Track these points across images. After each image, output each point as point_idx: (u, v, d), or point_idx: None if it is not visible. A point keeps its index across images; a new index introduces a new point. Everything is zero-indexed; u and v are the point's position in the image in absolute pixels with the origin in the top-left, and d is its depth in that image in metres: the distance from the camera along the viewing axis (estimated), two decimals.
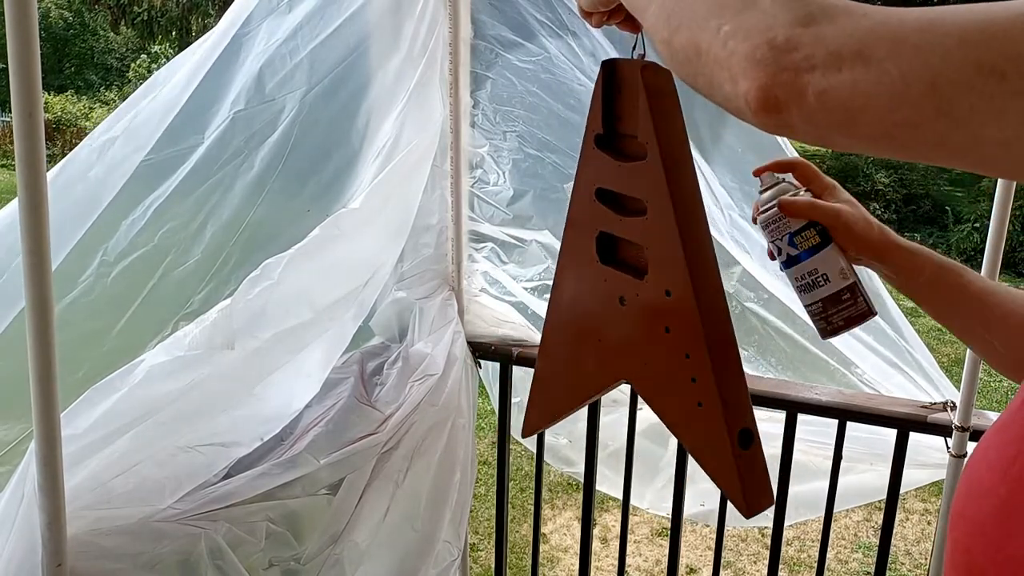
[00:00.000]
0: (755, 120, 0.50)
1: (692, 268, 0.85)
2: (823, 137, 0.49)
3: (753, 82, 0.48)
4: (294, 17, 1.43)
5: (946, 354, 6.58)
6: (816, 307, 0.98)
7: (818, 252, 0.96)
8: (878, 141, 0.48)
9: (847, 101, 0.46)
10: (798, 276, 0.98)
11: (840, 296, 0.96)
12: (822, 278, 0.96)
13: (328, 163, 1.59)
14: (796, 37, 0.47)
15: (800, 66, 0.47)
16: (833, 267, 0.95)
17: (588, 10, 0.83)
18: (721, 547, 1.94)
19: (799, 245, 0.96)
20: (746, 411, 0.87)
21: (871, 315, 0.97)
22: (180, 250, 1.31)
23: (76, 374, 1.16)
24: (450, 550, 1.86)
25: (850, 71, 0.45)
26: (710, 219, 1.86)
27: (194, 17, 16.39)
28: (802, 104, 0.47)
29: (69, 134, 15.15)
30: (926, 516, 4.05)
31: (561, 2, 1.81)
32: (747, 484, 0.86)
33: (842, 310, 0.96)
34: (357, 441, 1.53)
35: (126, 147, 1.18)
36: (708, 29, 0.52)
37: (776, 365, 1.91)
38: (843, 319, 0.97)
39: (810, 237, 0.96)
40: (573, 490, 4.11)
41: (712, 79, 0.52)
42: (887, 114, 0.45)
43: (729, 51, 0.50)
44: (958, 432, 1.63)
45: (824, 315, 0.98)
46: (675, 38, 0.56)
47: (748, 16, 0.50)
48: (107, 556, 1.13)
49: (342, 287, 1.51)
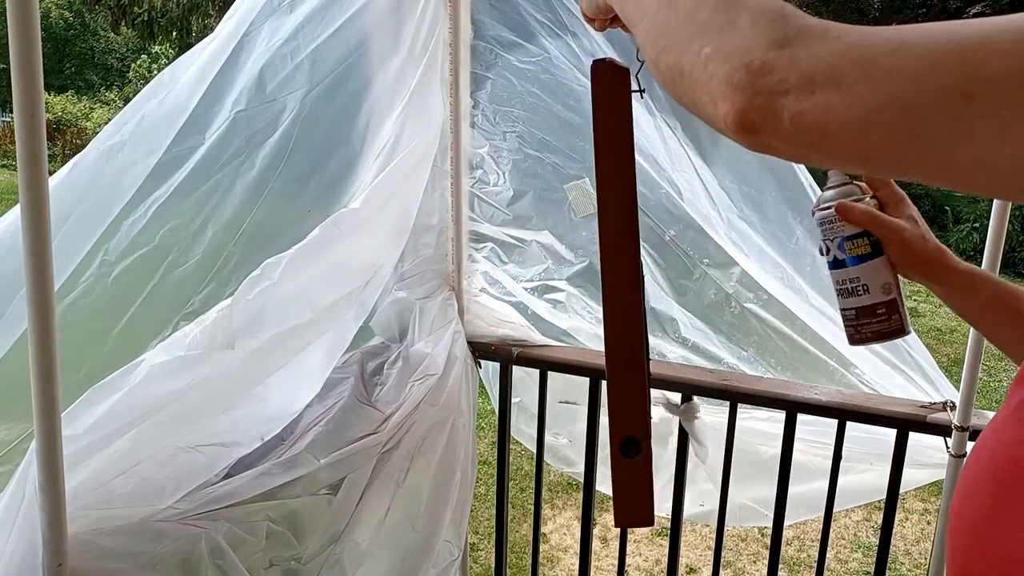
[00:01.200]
0: (736, 140, 0.50)
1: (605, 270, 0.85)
2: (802, 156, 0.50)
3: (731, 106, 0.49)
4: (295, 17, 1.43)
5: (946, 354, 6.59)
6: (850, 313, 0.98)
7: (865, 262, 0.96)
8: (854, 161, 0.49)
9: (821, 124, 0.46)
10: (840, 280, 0.98)
11: (875, 309, 0.96)
12: (863, 287, 0.96)
13: (329, 163, 1.59)
14: (771, 60, 0.48)
15: (774, 89, 0.47)
16: (876, 280, 0.96)
17: (591, 15, 0.83)
18: (721, 547, 1.94)
19: (848, 251, 0.97)
20: (636, 422, 0.84)
21: (903, 334, 0.98)
22: (181, 250, 1.31)
23: (77, 374, 1.16)
24: (450, 550, 1.87)
25: (823, 94, 0.46)
26: (708, 221, 1.87)
27: (194, 17, 16.39)
28: (777, 127, 0.47)
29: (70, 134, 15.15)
30: (926, 516, 4.05)
31: (561, 2, 1.81)
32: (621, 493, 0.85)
33: (874, 323, 0.97)
34: (357, 441, 1.53)
35: (136, 151, 1.18)
36: (690, 51, 0.52)
37: (775, 366, 1.91)
38: (872, 331, 0.97)
39: (861, 245, 0.96)
40: (573, 490, 4.11)
41: (695, 100, 0.53)
42: (861, 136, 0.46)
43: (709, 74, 0.50)
44: (957, 432, 1.63)
45: (855, 323, 0.98)
46: (661, 58, 0.56)
47: (728, 38, 0.50)
48: (108, 556, 1.13)
49: (343, 287, 1.52)
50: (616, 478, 0.85)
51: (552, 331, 2.01)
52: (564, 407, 2.05)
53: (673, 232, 1.86)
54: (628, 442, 0.84)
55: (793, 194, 1.84)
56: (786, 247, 1.87)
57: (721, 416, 1.82)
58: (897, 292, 0.97)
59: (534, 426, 2.01)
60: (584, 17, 0.85)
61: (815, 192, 1.83)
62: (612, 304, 0.84)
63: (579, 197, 1.91)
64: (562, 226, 1.99)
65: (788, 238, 1.86)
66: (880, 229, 0.95)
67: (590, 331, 2.00)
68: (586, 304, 2.01)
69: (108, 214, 1.17)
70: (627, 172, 0.84)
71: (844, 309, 0.99)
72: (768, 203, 1.87)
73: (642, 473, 0.85)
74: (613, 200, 0.84)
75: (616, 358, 0.84)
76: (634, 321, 0.84)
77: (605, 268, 0.84)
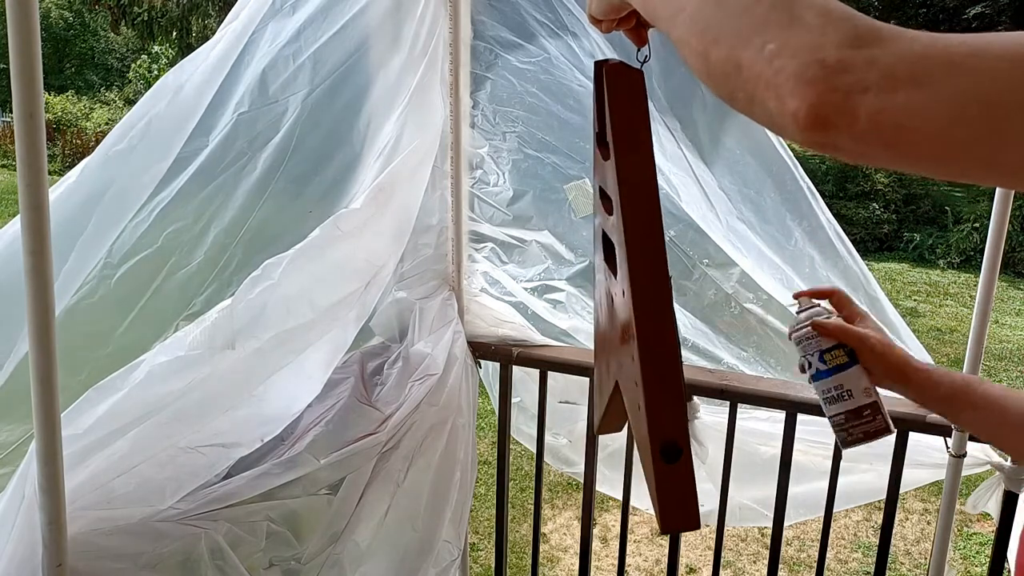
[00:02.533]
0: (800, 137, 0.50)
1: (633, 270, 0.84)
2: (866, 155, 0.50)
3: (803, 101, 0.48)
4: (297, 19, 1.43)
5: (946, 354, 6.59)
6: (839, 418, 1.08)
7: (845, 370, 1.07)
8: (928, 160, 0.49)
9: (900, 122, 0.47)
10: (825, 389, 1.09)
11: (861, 411, 1.06)
12: (847, 393, 1.07)
13: (330, 164, 1.59)
14: (848, 58, 0.48)
15: (852, 87, 0.47)
16: (857, 385, 1.06)
17: (598, 17, 0.83)
18: (721, 547, 1.94)
19: (828, 362, 1.08)
20: (676, 425, 0.83)
21: (889, 432, 1.08)
22: (184, 252, 1.31)
23: (79, 376, 1.16)
24: (450, 550, 1.87)
25: (904, 92, 0.46)
26: (708, 222, 1.87)
27: (194, 18, 16.39)
28: (853, 124, 0.48)
29: (70, 134, 15.16)
30: (926, 516, 4.06)
31: (561, 3, 1.81)
32: (663, 499, 0.84)
33: (862, 424, 1.07)
34: (357, 441, 1.53)
35: (145, 158, 1.19)
36: (751, 46, 0.52)
37: (775, 366, 1.91)
38: (862, 432, 1.07)
39: (838, 356, 1.08)
40: (573, 490, 4.11)
41: (754, 96, 0.52)
42: (940, 134, 0.46)
43: (775, 69, 0.50)
44: (958, 432, 1.63)
45: (846, 427, 1.08)
46: (712, 52, 0.56)
47: (794, 34, 0.50)
48: (107, 556, 1.13)
49: (344, 288, 1.52)
50: (659, 484, 0.83)
51: (552, 331, 2.01)
52: (564, 407, 2.05)
53: (673, 233, 1.86)
54: (668, 446, 0.83)
55: (792, 196, 1.84)
56: (785, 248, 1.87)
57: (721, 416, 1.82)
58: (876, 396, 1.07)
59: (534, 426, 2.01)
60: (591, 19, 0.85)
61: (813, 195, 1.84)
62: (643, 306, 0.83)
63: (579, 197, 1.91)
64: (562, 226, 2.00)
65: (787, 240, 1.87)
66: (852, 339, 1.07)
67: (590, 331, 2.00)
68: (586, 304, 2.01)
69: (120, 221, 1.17)
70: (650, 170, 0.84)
71: (833, 416, 1.09)
72: (767, 205, 1.87)
73: (685, 477, 0.83)
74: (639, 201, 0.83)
75: (652, 360, 0.83)
76: (667, 321, 0.84)
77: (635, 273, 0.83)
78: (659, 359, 0.83)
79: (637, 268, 0.83)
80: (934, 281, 9.63)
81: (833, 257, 1.85)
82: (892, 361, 1.06)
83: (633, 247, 0.83)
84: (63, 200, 1.13)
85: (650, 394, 0.83)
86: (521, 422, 2.12)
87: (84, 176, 1.16)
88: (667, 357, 0.83)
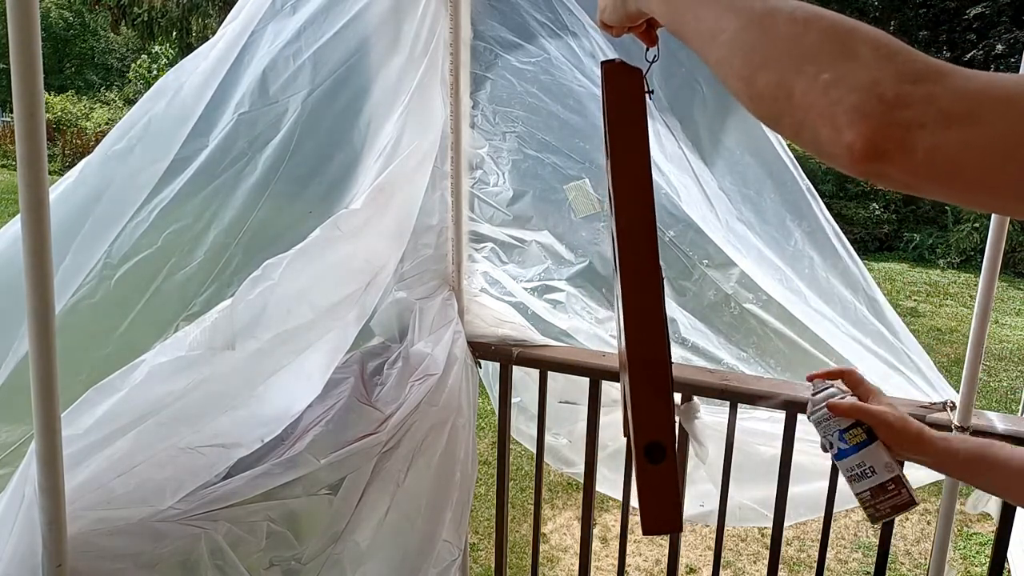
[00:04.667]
0: (852, 168, 0.51)
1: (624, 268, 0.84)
2: (915, 187, 0.52)
3: (859, 135, 0.50)
4: (298, 19, 1.43)
5: (946, 354, 6.58)
6: (866, 495, 1.12)
7: (865, 447, 1.11)
8: (977, 195, 0.51)
9: (956, 158, 0.48)
10: (848, 468, 1.13)
11: (886, 486, 1.10)
12: (869, 470, 1.11)
13: (330, 165, 1.59)
14: (906, 94, 0.49)
15: (911, 122, 0.48)
16: (878, 460, 1.11)
17: (613, 23, 0.83)
18: (721, 547, 1.94)
19: (848, 441, 1.12)
20: (661, 426, 0.83)
21: (914, 505, 1.11)
22: (183, 252, 1.31)
23: (79, 376, 1.16)
24: (451, 550, 1.87)
25: (960, 130, 0.48)
26: (707, 223, 1.87)
27: (194, 18, 16.39)
28: (909, 158, 0.49)
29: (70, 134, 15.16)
30: (926, 516, 4.06)
31: (561, 3, 1.81)
32: (646, 500, 0.83)
33: (888, 499, 1.11)
34: (357, 441, 1.53)
35: (144, 157, 1.18)
36: (804, 74, 0.53)
37: (775, 367, 1.91)
38: (889, 507, 1.11)
39: (857, 434, 1.12)
40: (573, 490, 4.11)
41: (804, 123, 0.53)
42: (994, 171, 0.48)
43: (832, 100, 0.51)
44: (958, 432, 1.63)
45: (873, 503, 1.12)
46: (758, 77, 0.57)
47: (850, 67, 0.51)
48: (107, 556, 1.13)
49: (344, 288, 1.52)
50: (641, 484, 0.83)
51: (552, 331, 2.01)
52: (564, 407, 2.05)
53: (673, 233, 1.86)
54: (653, 447, 0.83)
55: (792, 197, 1.84)
56: (784, 249, 1.87)
57: (721, 416, 1.82)
58: (899, 469, 1.11)
59: (534, 426, 2.01)
60: (601, 26, 0.85)
61: (813, 195, 1.84)
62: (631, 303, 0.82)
63: (579, 197, 1.91)
64: (562, 226, 2.00)
65: (787, 240, 1.86)
66: (868, 416, 1.13)
67: (590, 331, 2.00)
68: (586, 304, 2.01)
69: (119, 220, 1.17)
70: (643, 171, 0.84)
71: (859, 493, 1.12)
72: (767, 205, 1.87)
73: (669, 478, 0.83)
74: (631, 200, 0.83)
75: (637, 359, 0.82)
76: (655, 319, 0.83)
77: (623, 267, 0.83)
78: (647, 360, 0.82)
79: (627, 266, 0.83)
80: (934, 281, 9.63)
81: (832, 258, 1.85)
82: (910, 434, 1.10)
83: (624, 245, 0.83)
84: (63, 200, 1.12)
85: (636, 395, 0.83)
86: (521, 422, 2.12)
87: (84, 175, 1.16)
88: (655, 358, 0.83)
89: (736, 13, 0.59)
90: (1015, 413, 4.60)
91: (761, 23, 0.57)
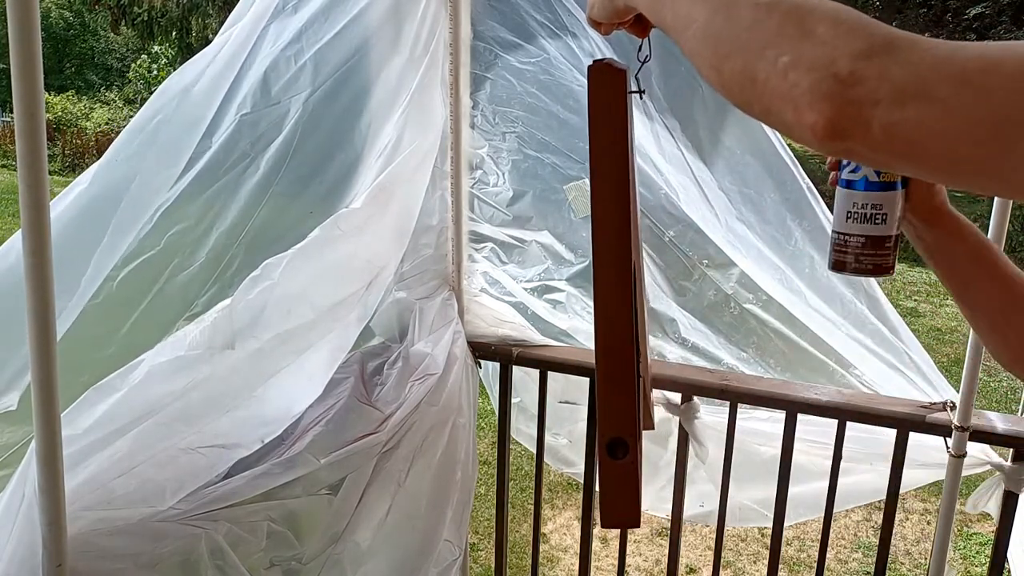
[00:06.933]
0: (819, 147, 0.51)
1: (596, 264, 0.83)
2: (884, 163, 0.51)
3: (820, 115, 0.50)
4: (299, 19, 1.43)
5: (946, 354, 6.58)
6: (857, 240, 0.96)
7: (892, 190, 0.94)
8: (941, 172, 0.50)
9: (911, 136, 0.47)
10: (859, 202, 0.95)
11: (884, 241, 0.96)
12: (882, 216, 0.95)
13: (331, 165, 1.59)
14: (860, 70, 0.48)
15: (865, 100, 0.48)
16: (894, 210, 0.95)
17: (601, 20, 0.83)
18: (721, 547, 1.94)
19: (881, 175, 0.94)
20: (624, 423, 0.83)
21: (891, 272, 0.98)
22: (186, 253, 1.31)
23: (81, 377, 1.16)
24: (451, 549, 1.87)
25: (914, 107, 0.47)
26: (707, 223, 1.87)
27: (194, 18, 16.39)
28: (867, 135, 0.49)
29: (70, 134, 15.14)
30: (926, 516, 4.05)
31: (560, 3, 1.81)
32: (606, 494, 0.84)
33: (878, 255, 0.96)
34: (357, 441, 1.53)
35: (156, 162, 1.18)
36: (765, 59, 0.53)
37: (775, 367, 1.91)
38: (873, 264, 0.97)
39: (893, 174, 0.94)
40: (573, 490, 4.11)
41: (770, 107, 0.53)
42: (950, 150, 0.47)
43: (791, 83, 0.51)
44: (957, 432, 1.63)
45: (860, 251, 0.97)
46: (725, 65, 0.57)
47: (808, 46, 0.51)
48: (107, 556, 1.13)
49: (345, 288, 1.52)
50: (602, 479, 0.84)
51: (552, 331, 2.01)
52: (564, 407, 2.05)
53: (672, 233, 1.86)
54: (615, 443, 0.83)
55: (792, 196, 1.84)
56: (784, 249, 1.87)
57: (721, 416, 1.82)
58: (900, 231, 0.97)
59: (534, 426, 2.01)
60: (591, 22, 0.85)
61: (814, 195, 1.84)
62: (602, 301, 0.83)
63: (579, 197, 1.91)
64: (562, 226, 2.00)
65: (787, 240, 1.86)
66: None
67: (590, 331, 2.00)
68: (586, 304, 2.01)
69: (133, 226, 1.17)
70: (622, 173, 0.84)
71: (851, 234, 0.96)
72: (767, 205, 1.87)
73: (628, 475, 0.84)
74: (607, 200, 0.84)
75: (605, 357, 0.83)
76: (623, 318, 0.83)
77: (597, 266, 0.83)
78: (611, 354, 0.83)
79: (599, 259, 0.84)
80: (934, 281, 9.63)
81: None
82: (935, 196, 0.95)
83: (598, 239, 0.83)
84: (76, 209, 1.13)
85: (601, 390, 0.83)
86: (521, 422, 2.12)
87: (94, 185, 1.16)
88: (620, 353, 0.83)
89: (704, 3, 0.59)
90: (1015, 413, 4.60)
91: (728, 12, 0.57)
